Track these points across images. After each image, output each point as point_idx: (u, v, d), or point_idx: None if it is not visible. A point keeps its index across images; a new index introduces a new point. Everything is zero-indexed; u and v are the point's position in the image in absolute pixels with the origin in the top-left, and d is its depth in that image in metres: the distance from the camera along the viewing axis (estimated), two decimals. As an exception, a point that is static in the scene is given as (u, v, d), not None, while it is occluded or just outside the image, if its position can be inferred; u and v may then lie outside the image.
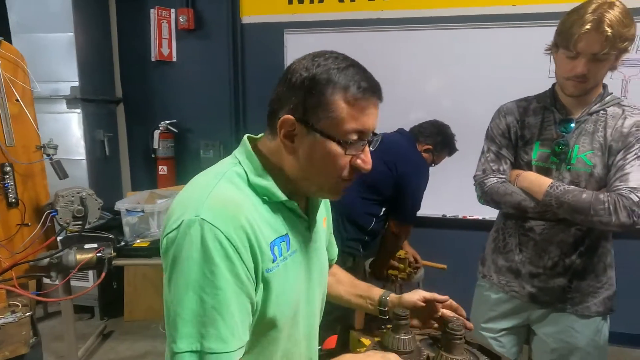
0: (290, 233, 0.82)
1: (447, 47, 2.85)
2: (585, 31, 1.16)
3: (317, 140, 0.74)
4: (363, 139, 0.76)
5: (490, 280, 1.51)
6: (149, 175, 3.51)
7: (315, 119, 0.73)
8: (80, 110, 3.04)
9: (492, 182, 1.39)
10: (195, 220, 0.68)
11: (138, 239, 2.26)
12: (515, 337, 1.51)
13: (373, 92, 0.74)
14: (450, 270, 2.47)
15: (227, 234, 0.69)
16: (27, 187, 1.73)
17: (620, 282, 1.44)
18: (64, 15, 2.91)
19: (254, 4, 3.16)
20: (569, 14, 1.23)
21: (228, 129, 3.31)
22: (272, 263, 0.76)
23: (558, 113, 1.34)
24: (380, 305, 1.04)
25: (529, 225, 1.38)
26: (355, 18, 2.97)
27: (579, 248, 1.34)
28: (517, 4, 2.75)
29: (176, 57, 3.35)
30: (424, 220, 3.02)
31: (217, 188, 0.74)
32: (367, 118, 0.75)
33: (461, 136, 2.91)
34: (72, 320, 2.18)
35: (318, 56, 0.75)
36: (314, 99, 0.72)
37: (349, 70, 0.73)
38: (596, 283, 1.37)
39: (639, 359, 2.88)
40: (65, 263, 1.74)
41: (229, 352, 0.69)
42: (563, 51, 1.24)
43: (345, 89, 0.72)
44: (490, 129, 1.46)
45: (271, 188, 0.78)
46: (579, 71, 1.21)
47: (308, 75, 0.73)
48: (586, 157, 1.30)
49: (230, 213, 0.71)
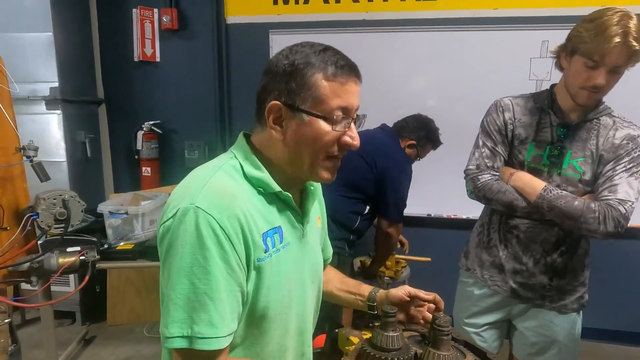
0: (284, 226, 0.84)
1: (431, 48, 2.89)
2: (615, 44, 1.15)
3: (305, 121, 0.77)
4: (348, 116, 0.79)
5: (474, 274, 1.54)
6: (132, 176, 3.45)
7: (300, 100, 0.77)
8: (61, 112, 2.97)
9: (486, 179, 1.40)
10: (190, 208, 0.71)
11: (122, 241, 2.22)
12: (497, 332, 1.55)
13: (351, 69, 0.78)
14: (435, 268, 2.51)
15: (220, 222, 0.71)
16: (6, 190, 1.68)
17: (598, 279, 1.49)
18: (42, 14, 2.84)
19: (238, 4, 3.15)
20: (590, 22, 1.21)
21: (213, 129, 3.28)
22: (265, 253, 0.78)
23: (555, 116, 1.35)
24: (369, 301, 1.06)
25: (513, 223, 1.42)
26: (341, 19, 2.99)
27: (561, 247, 1.39)
28: (500, 8, 2.80)
29: (160, 57, 3.31)
30: (409, 219, 3.04)
31: (214, 179, 0.77)
32: (349, 95, 0.78)
33: (445, 136, 2.95)
34: (52, 326, 2.14)
35: (295, 45, 0.81)
36: (296, 82, 0.77)
37: (326, 52, 0.78)
38: (574, 282, 1.42)
39: (614, 353, 2.97)
40: (46, 267, 1.70)
41: (219, 338, 0.71)
42: (583, 60, 1.22)
43: (324, 68, 0.76)
44: (486, 124, 1.45)
45: (266, 179, 0.81)
46: (599, 82, 1.20)
47: (288, 62, 0.78)
48: (577, 164, 1.34)
49: (225, 202, 0.73)
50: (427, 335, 1.00)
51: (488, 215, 1.51)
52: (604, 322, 2.99)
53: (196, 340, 0.69)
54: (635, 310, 2.95)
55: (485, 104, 1.51)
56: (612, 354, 2.94)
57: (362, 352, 0.92)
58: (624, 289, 2.93)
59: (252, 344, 0.82)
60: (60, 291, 2.77)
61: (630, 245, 2.86)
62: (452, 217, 3.01)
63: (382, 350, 0.90)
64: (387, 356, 0.88)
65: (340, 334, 1.08)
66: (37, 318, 3.03)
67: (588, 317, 1.50)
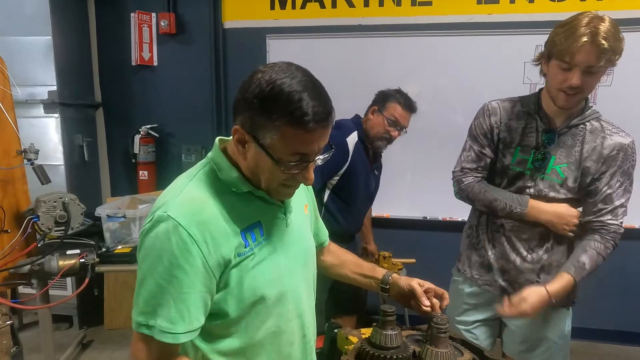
0: (263, 220, 0.90)
1: (426, 53, 2.93)
2: (583, 44, 1.17)
3: (262, 153, 0.80)
4: (306, 160, 0.81)
5: (464, 274, 1.58)
6: (130, 180, 3.46)
7: (261, 135, 0.78)
8: (59, 115, 2.97)
9: (469, 181, 1.46)
10: (163, 215, 0.79)
11: (119, 244, 2.23)
12: (488, 329, 1.58)
13: (317, 123, 0.75)
14: (431, 270, 2.53)
15: (188, 229, 0.78)
16: (7, 193, 1.69)
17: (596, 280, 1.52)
18: (41, 18, 2.85)
19: (236, 9, 3.17)
20: (561, 27, 1.25)
21: (210, 133, 3.29)
22: (245, 248, 0.85)
23: (541, 122, 1.38)
24: (383, 283, 1.12)
25: (500, 222, 1.46)
26: (337, 24, 3.02)
27: (545, 244, 1.43)
28: (494, 13, 2.85)
29: (157, 61, 3.32)
30: (405, 222, 3.09)
31: (187, 188, 0.84)
32: (311, 145, 0.79)
33: (440, 140, 2.99)
34: (50, 330, 2.13)
35: (277, 73, 0.77)
36: (261, 118, 0.77)
37: (302, 95, 0.74)
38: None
39: (613, 353, 3.00)
40: (47, 270, 1.71)
41: (175, 334, 0.79)
42: (557, 63, 1.25)
43: (291, 113, 0.74)
44: (473, 127, 1.49)
45: (236, 180, 0.86)
46: (574, 83, 1.22)
47: (259, 94, 0.76)
48: (560, 169, 1.36)
49: (194, 209, 0.80)
50: (425, 333, 1.02)
51: (476, 217, 1.55)
52: (602, 322, 3.03)
53: (156, 331, 0.79)
54: (633, 310, 2.98)
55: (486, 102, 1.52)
56: (610, 354, 2.97)
57: (362, 351, 0.94)
58: (622, 289, 2.96)
59: (247, 328, 0.89)
60: (58, 295, 2.77)
61: (628, 246, 2.87)
62: (448, 219, 3.04)
63: (381, 349, 0.92)
64: (386, 354, 0.90)
65: (340, 333, 1.10)
66: (35, 322, 3.01)
67: (586, 317, 1.53)
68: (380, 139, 2.10)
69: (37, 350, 2.23)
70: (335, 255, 1.22)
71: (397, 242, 2.74)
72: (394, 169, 3.02)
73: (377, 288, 1.13)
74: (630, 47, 1.22)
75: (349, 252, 1.26)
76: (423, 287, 1.06)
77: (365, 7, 2.99)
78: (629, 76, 2.63)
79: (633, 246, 2.89)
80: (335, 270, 1.21)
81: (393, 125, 2.07)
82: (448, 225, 3.04)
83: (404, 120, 2.10)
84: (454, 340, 1.02)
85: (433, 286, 1.07)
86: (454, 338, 1.03)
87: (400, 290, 1.08)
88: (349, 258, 1.22)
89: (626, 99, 2.70)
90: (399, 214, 3.07)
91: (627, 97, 2.70)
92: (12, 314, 1.65)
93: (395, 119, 2.07)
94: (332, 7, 3.03)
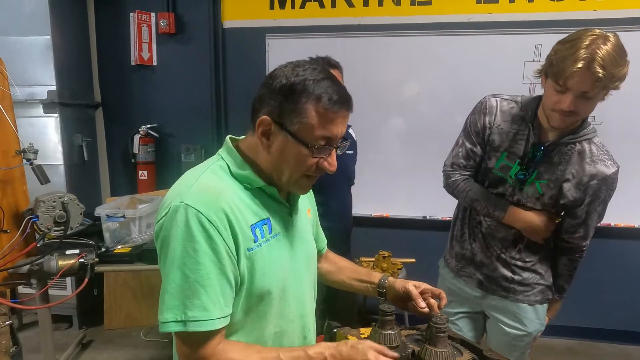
0: (272, 217, 0.91)
1: (425, 53, 2.93)
2: (577, 70, 1.12)
3: (289, 141, 0.83)
4: (330, 145, 0.85)
5: (449, 265, 1.63)
6: (129, 180, 3.45)
7: (289, 122, 0.82)
8: (58, 115, 2.97)
9: (456, 178, 1.49)
10: (180, 205, 0.79)
11: (119, 244, 2.22)
12: (471, 322, 1.62)
13: (341, 105, 0.82)
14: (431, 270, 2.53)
15: (207, 216, 0.78)
16: (6, 193, 1.69)
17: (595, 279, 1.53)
18: (41, 18, 2.84)
19: (235, 8, 3.17)
20: (562, 44, 1.19)
21: (209, 133, 3.30)
22: (254, 243, 0.85)
23: (532, 132, 1.35)
24: (380, 287, 1.13)
25: (479, 219, 1.50)
26: (336, 24, 3.02)
27: (519, 245, 1.46)
28: (494, 12, 2.85)
29: (157, 61, 3.32)
30: (405, 222, 3.09)
31: (201, 178, 0.85)
32: (335, 127, 0.83)
33: (439, 140, 2.98)
34: (50, 330, 2.13)
35: (298, 66, 0.84)
36: (289, 105, 0.81)
37: (324, 82, 0.82)
38: (535, 275, 1.49)
39: (612, 352, 3.00)
40: (46, 270, 1.71)
41: (212, 320, 0.78)
42: (552, 83, 1.21)
43: (317, 100, 0.80)
44: (469, 123, 1.48)
45: (250, 176, 0.88)
46: (566, 107, 1.19)
47: (287, 83, 0.82)
48: (539, 185, 1.37)
49: (211, 197, 0.81)
50: (424, 333, 1.02)
51: (461, 210, 1.59)
52: (601, 321, 3.03)
53: (190, 324, 0.77)
54: (632, 309, 2.99)
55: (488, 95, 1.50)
56: (610, 353, 2.97)
57: (361, 350, 0.94)
58: (621, 289, 2.96)
59: (252, 329, 0.89)
60: (58, 295, 2.77)
61: (626, 245, 2.90)
62: (447, 219, 3.03)
63: (381, 348, 0.92)
64: (386, 353, 0.91)
65: (339, 333, 1.10)
66: (35, 322, 3.02)
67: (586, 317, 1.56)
68: None
69: (37, 350, 2.23)
70: (332, 262, 1.24)
71: (397, 242, 2.74)
72: (394, 169, 3.03)
73: (374, 293, 1.14)
74: (630, 47, 1.20)
75: (344, 259, 1.27)
76: (419, 288, 1.07)
77: (365, 6, 2.99)
78: (630, 76, 2.62)
79: (633, 246, 2.90)
80: (332, 277, 1.22)
81: None
82: (448, 225, 2.99)
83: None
84: (453, 339, 1.02)
85: (429, 287, 1.08)
86: (453, 338, 1.03)
87: (397, 294, 1.09)
88: (346, 264, 1.24)
89: (626, 99, 2.69)
90: (399, 214, 3.07)
91: (627, 97, 2.70)
92: (11, 314, 1.66)
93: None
94: (332, 6, 3.03)
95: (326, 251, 1.24)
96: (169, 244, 0.79)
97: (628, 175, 1.59)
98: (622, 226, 2.80)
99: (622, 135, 2.69)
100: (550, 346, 2.97)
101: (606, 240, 2.84)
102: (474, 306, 1.59)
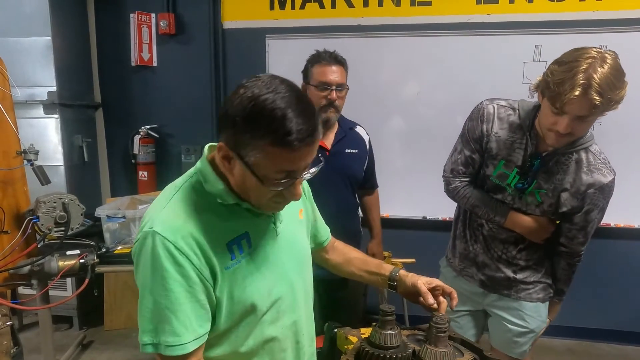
0: (251, 230, 0.88)
1: (425, 53, 2.93)
2: (574, 97, 1.11)
3: (247, 171, 0.78)
4: (292, 177, 0.78)
5: (452, 264, 1.64)
6: (129, 180, 3.46)
7: (245, 153, 0.76)
8: (58, 116, 2.97)
9: (456, 185, 1.51)
10: (149, 232, 0.79)
11: (119, 245, 2.23)
12: (472, 320, 1.64)
13: (302, 141, 0.72)
14: (431, 270, 2.53)
15: (175, 243, 0.78)
16: (7, 194, 1.70)
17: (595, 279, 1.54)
18: (41, 19, 2.85)
19: (235, 9, 3.17)
20: (559, 65, 1.17)
21: (209, 133, 3.29)
22: (231, 261, 0.84)
23: (530, 141, 1.34)
24: (390, 280, 1.11)
25: (479, 222, 1.52)
26: (336, 24, 3.02)
27: (519, 245, 1.48)
28: (493, 13, 2.85)
29: (157, 61, 3.32)
30: (404, 222, 3.09)
31: (172, 202, 0.84)
32: (297, 162, 0.76)
33: (439, 140, 2.99)
34: (50, 331, 2.13)
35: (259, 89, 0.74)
36: (244, 137, 0.74)
37: (286, 113, 0.71)
38: (536, 274, 1.51)
39: (611, 352, 3.00)
40: (47, 270, 1.71)
41: (183, 344, 0.79)
42: (548, 104, 1.19)
43: (274, 137, 0.72)
44: (466, 130, 1.47)
45: (223, 193, 0.84)
46: (562, 130, 1.19)
47: (243, 112, 0.73)
48: (538, 194, 1.39)
49: (179, 223, 0.80)
50: (425, 333, 1.02)
51: (462, 212, 1.61)
52: (601, 321, 3.03)
53: (163, 348, 0.79)
54: (632, 309, 2.99)
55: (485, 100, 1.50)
56: (609, 353, 2.97)
57: (361, 351, 0.94)
58: (621, 289, 2.97)
59: (239, 339, 0.89)
60: (58, 295, 2.77)
61: (625, 246, 2.90)
62: (447, 219, 3.04)
63: (381, 348, 0.92)
64: (386, 354, 0.91)
65: (339, 333, 1.10)
66: (35, 323, 3.02)
67: (586, 317, 1.57)
68: (322, 109, 1.83)
69: (37, 351, 2.24)
70: (341, 253, 1.22)
71: (397, 242, 2.74)
72: (393, 169, 3.04)
73: (385, 285, 1.13)
74: (630, 47, 1.20)
75: (355, 249, 1.25)
76: (431, 284, 1.06)
77: (365, 7, 2.99)
78: (629, 76, 2.62)
79: (633, 246, 2.90)
80: (342, 269, 1.21)
81: (324, 88, 1.82)
82: (448, 225, 2.99)
83: (332, 75, 1.82)
84: (454, 339, 1.03)
85: (441, 284, 1.07)
86: (453, 338, 1.03)
87: (407, 288, 1.09)
88: (356, 255, 1.22)
89: (626, 99, 2.70)
90: (399, 214, 3.07)
91: (627, 98, 2.70)
92: (12, 315, 1.66)
93: (321, 81, 1.83)
94: (332, 7, 3.03)
95: (332, 241, 1.22)
96: (140, 271, 0.80)
97: (628, 176, 1.60)
98: (622, 226, 2.80)
99: (622, 135, 2.69)
100: (550, 346, 2.98)
101: (606, 240, 2.85)
102: (475, 304, 1.61)
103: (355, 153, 2.00)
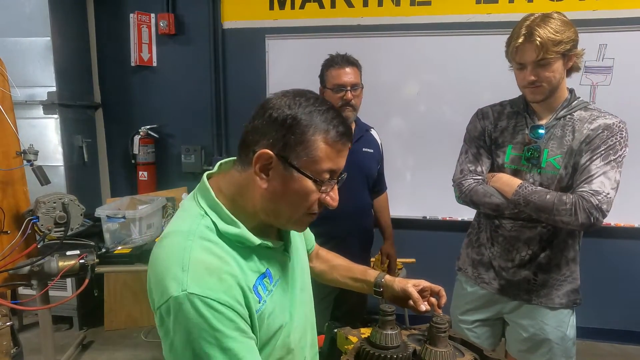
0: (271, 266, 0.86)
1: (425, 53, 2.93)
2: (519, 44, 1.29)
3: (293, 176, 0.77)
4: (334, 178, 0.81)
5: (465, 273, 1.60)
6: (129, 181, 3.45)
7: (294, 156, 0.76)
8: (58, 116, 2.97)
9: (470, 183, 1.46)
10: (184, 295, 0.70)
11: (119, 245, 2.23)
12: (489, 329, 1.59)
13: (348, 137, 0.80)
14: (431, 269, 2.54)
15: (219, 300, 0.71)
16: (7, 194, 1.70)
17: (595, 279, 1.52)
18: (41, 19, 2.85)
19: (235, 9, 3.17)
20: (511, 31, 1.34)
21: (209, 133, 3.30)
22: (259, 303, 0.80)
23: (529, 118, 1.42)
24: (376, 287, 1.11)
25: (498, 222, 1.47)
26: (336, 24, 3.02)
27: (543, 244, 1.43)
28: (493, 13, 2.85)
29: (156, 62, 3.32)
30: (405, 222, 3.09)
31: (194, 253, 0.74)
32: (341, 159, 0.80)
33: (438, 140, 2.99)
34: (50, 331, 2.13)
35: (299, 96, 0.78)
36: (295, 137, 0.75)
37: (329, 113, 0.78)
38: (559, 276, 1.45)
39: (611, 352, 3.00)
40: (47, 270, 1.71)
41: None
42: (513, 64, 1.37)
43: (326, 131, 0.77)
44: (468, 132, 1.54)
45: (243, 235, 0.79)
46: (529, 79, 1.31)
47: (291, 114, 0.76)
48: (555, 161, 1.37)
49: (216, 278, 0.73)
50: (425, 333, 1.02)
51: (477, 218, 1.58)
52: (602, 321, 3.03)
53: None
54: (632, 309, 2.99)
55: (479, 107, 1.56)
56: (609, 353, 2.97)
57: (361, 351, 0.94)
58: (621, 288, 2.97)
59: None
60: (58, 296, 2.77)
61: (628, 245, 2.91)
62: (447, 219, 3.04)
63: (381, 348, 0.92)
64: (386, 354, 0.90)
65: (339, 333, 1.10)
66: (35, 323, 3.02)
67: (585, 316, 1.54)
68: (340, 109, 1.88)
69: (37, 351, 2.24)
70: (325, 261, 1.21)
71: (397, 242, 2.73)
72: (393, 169, 3.03)
73: (370, 291, 1.12)
74: (630, 46, 1.22)
75: (339, 256, 1.24)
76: (418, 287, 1.06)
77: (365, 7, 2.99)
78: (629, 76, 2.63)
79: (633, 245, 2.90)
80: (326, 276, 1.19)
81: (339, 90, 1.90)
82: (448, 225, 3.04)
83: (346, 76, 1.91)
84: (454, 339, 1.02)
85: (428, 284, 1.07)
86: (454, 338, 1.03)
87: (395, 294, 1.08)
88: (340, 262, 1.21)
89: (625, 98, 2.70)
90: (399, 214, 3.06)
91: (626, 97, 2.70)
92: (12, 315, 1.66)
93: (336, 83, 1.90)
94: (331, 7, 3.03)
95: (316, 248, 1.21)
96: (184, 342, 0.71)
97: (628, 175, 1.59)
98: (622, 226, 2.81)
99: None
100: (550, 346, 2.98)
101: (606, 240, 2.85)
102: (492, 313, 1.55)
103: (371, 153, 2.06)
